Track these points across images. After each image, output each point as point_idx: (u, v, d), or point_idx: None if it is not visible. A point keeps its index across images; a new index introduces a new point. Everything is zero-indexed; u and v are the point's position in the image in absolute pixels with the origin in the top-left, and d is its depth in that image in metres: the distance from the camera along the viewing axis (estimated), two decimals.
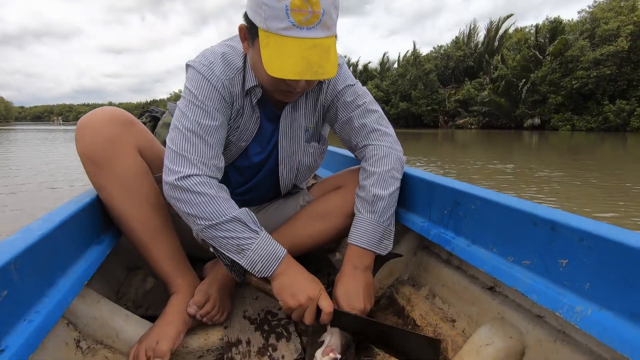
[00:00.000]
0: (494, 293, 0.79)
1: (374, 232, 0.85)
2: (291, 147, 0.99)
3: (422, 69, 33.85)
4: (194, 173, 0.78)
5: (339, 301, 0.82)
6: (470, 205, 0.79)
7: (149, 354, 0.73)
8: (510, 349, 0.67)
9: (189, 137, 0.80)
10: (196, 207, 0.77)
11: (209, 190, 0.78)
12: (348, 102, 0.95)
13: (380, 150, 0.91)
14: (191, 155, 0.80)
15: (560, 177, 5.68)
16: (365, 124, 0.94)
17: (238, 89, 0.88)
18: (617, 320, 0.51)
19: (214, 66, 0.85)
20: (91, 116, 0.84)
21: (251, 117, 0.93)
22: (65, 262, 0.70)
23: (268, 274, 0.78)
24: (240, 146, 0.96)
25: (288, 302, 0.76)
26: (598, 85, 23.45)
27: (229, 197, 0.82)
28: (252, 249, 0.77)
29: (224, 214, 0.76)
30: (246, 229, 0.77)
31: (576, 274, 0.57)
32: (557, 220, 0.60)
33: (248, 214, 0.80)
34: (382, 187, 0.87)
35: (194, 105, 0.82)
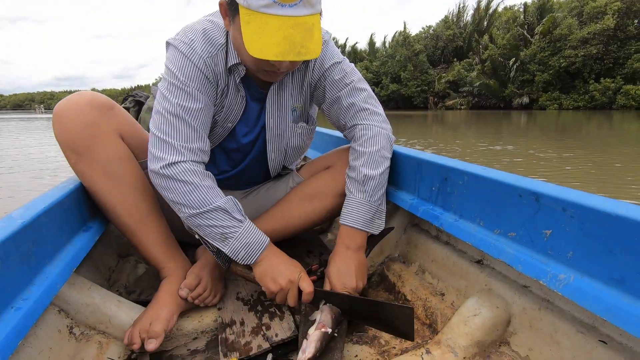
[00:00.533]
0: (482, 266, 0.81)
1: (365, 212, 0.86)
2: (279, 128, 0.97)
3: (411, 49, 33.52)
4: (178, 160, 0.77)
5: (332, 280, 0.82)
6: (457, 180, 0.80)
7: (142, 335, 0.74)
8: (496, 318, 0.70)
9: (172, 121, 0.78)
10: (181, 196, 0.77)
11: (193, 178, 0.77)
12: (336, 80, 0.93)
13: (370, 130, 0.90)
14: (175, 140, 0.78)
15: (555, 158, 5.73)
16: (354, 102, 0.92)
17: (221, 66, 0.85)
18: (598, 285, 0.53)
19: (194, 43, 0.81)
20: (68, 102, 0.81)
21: (236, 96, 0.90)
22: (52, 250, 0.69)
23: (251, 262, 0.79)
24: (227, 127, 0.94)
25: (270, 287, 0.79)
26: (585, 64, 23.63)
27: (214, 185, 0.81)
28: (235, 237, 0.78)
29: (208, 203, 0.77)
30: (230, 218, 0.78)
31: (560, 243, 0.58)
32: (541, 192, 0.61)
33: (233, 203, 0.80)
34: (373, 167, 0.87)
35: (175, 87, 0.80)
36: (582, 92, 24.36)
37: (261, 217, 1.00)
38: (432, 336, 0.79)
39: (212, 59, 0.83)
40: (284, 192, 1.09)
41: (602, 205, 0.53)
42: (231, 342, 0.77)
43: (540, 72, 25.09)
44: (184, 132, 0.79)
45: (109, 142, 0.82)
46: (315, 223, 1.01)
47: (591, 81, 23.79)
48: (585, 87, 24.11)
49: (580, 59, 23.31)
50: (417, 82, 33.69)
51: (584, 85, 24.27)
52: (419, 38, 35.57)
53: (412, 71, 33.37)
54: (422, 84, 33.73)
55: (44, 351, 0.65)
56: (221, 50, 0.84)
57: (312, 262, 1.05)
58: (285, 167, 1.12)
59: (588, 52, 22.96)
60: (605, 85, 23.00)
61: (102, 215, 0.90)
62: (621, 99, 22.29)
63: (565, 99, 24.87)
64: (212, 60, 0.83)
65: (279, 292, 0.79)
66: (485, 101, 29.60)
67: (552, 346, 0.63)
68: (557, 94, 25.22)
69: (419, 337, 0.80)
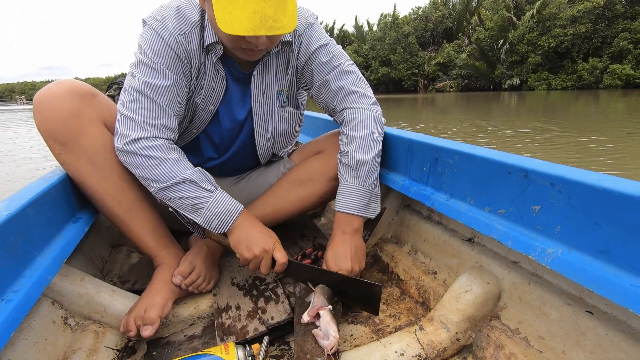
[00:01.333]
0: (473, 244, 0.82)
1: (360, 197, 0.86)
2: (265, 113, 0.96)
3: (400, 31, 33.12)
4: (142, 136, 0.77)
5: (328, 263, 0.83)
6: (448, 160, 0.80)
7: (138, 322, 0.74)
8: (487, 294, 0.71)
9: (137, 97, 0.78)
10: (147, 170, 0.78)
11: (157, 153, 0.78)
12: (323, 63, 0.91)
13: (360, 114, 0.89)
14: (139, 116, 0.78)
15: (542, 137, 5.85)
16: (342, 86, 0.91)
17: (195, 45, 0.83)
18: (584, 258, 0.54)
19: (166, 20, 0.80)
20: (48, 90, 0.78)
21: (215, 77, 0.88)
22: (40, 242, 0.68)
23: (224, 230, 0.80)
24: (209, 110, 0.92)
25: (244, 254, 0.80)
26: (574, 43, 23.69)
27: (181, 157, 0.81)
28: (206, 207, 0.79)
29: (175, 176, 0.77)
30: (199, 189, 0.79)
31: (548, 218, 0.60)
32: (530, 168, 0.61)
33: (201, 174, 0.80)
34: (365, 152, 0.86)
35: (143, 64, 0.79)
36: (570, 72, 24.51)
37: (253, 204, 1.00)
38: (425, 313, 0.81)
39: (184, 37, 0.81)
40: (275, 178, 1.08)
41: (588, 178, 0.54)
42: (227, 326, 0.78)
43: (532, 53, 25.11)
44: (149, 108, 0.78)
45: (93, 131, 0.80)
46: (307, 208, 1.01)
47: (579, 61, 23.93)
48: (574, 66, 24.26)
49: (569, 37, 23.34)
50: (407, 64, 33.46)
51: (572, 65, 24.41)
52: (408, 20, 35.12)
53: (401, 54, 33.09)
54: (412, 67, 33.52)
55: (39, 342, 0.65)
56: (195, 28, 0.82)
57: (306, 246, 1.06)
58: (275, 155, 1.11)
59: (577, 30, 22.98)
60: (592, 65, 23.16)
61: (92, 205, 0.88)
62: (607, 79, 22.52)
63: (554, 79, 25.02)
64: (185, 37, 0.81)
65: (253, 260, 0.80)
66: (475, 83, 29.62)
67: (540, 318, 0.65)
68: (546, 74, 25.34)
69: (413, 314, 0.82)
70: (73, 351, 0.70)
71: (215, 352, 0.65)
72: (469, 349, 0.70)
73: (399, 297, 0.89)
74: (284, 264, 0.81)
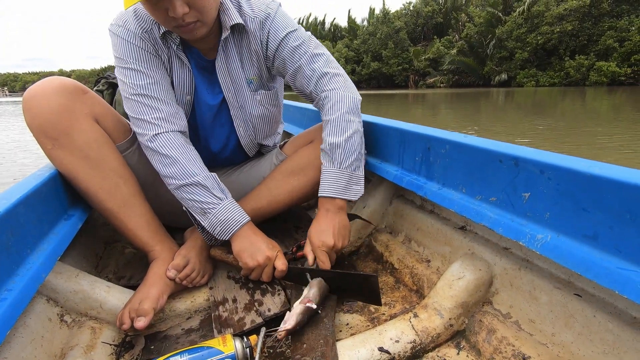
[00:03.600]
0: (465, 231, 0.84)
1: (338, 180, 0.85)
2: (239, 100, 0.98)
3: (392, 26, 33.16)
4: (157, 132, 0.83)
5: (311, 239, 0.84)
6: (440, 149, 0.81)
7: (132, 315, 0.74)
8: (479, 280, 0.73)
9: (138, 100, 0.84)
10: (164, 168, 0.84)
11: (172, 151, 0.83)
12: (294, 48, 0.91)
13: (333, 96, 0.89)
14: (146, 116, 0.84)
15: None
16: (314, 69, 0.91)
17: (158, 39, 0.87)
18: (573, 243, 0.56)
19: (127, 24, 0.85)
20: (38, 87, 0.78)
21: (182, 67, 0.91)
22: (33, 240, 0.67)
23: (225, 237, 0.84)
24: (187, 100, 0.94)
25: (248, 262, 0.83)
26: (561, 41, 24.05)
27: (196, 157, 0.86)
28: (213, 213, 0.83)
29: (188, 176, 0.83)
30: (209, 195, 0.83)
31: (537, 205, 0.61)
32: (520, 156, 0.63)
33: (214, 180, 0.85)
34: (337, 134, 0.85)
35: (125, 69, 0.85)
36: (557, 69, 24.89)
37: (247, 196, 1.00)
38: (419, 301, 0.82)
39: (147, 34, 0.85)
40: (268, 170, 1.09)
41: (576, 165, 0.55)
42: (224, 319, 0.78)
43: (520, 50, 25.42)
44: (151, 105, 0.84)
45: (85, 126, 0.80)
46: (301, 199, 1.02)
47: (566, 58, 24.31)
48: (561, 64, 24.64)
49: (556, 35, 23.68)
50: (398, 60, 33.55)
51: (560, 62, 24.79)
52: (399, 15, 35.18)
53: (392, 49, 33.15)
54: (403, 62, 33.63)
55: (35, 340, 0.65)
56: (154, 24, 0.85)
57: (301, 238, 1.06)
58: (263, 146, 1.11)
59: (564, 28, 23.32)
60: (579, 62, 23.55)
61: (84, 202, 0.88)
62: (593, 76, 22.93)
63: (542, 76, 25.38)
64: (148, 34, 0.85)
65: (256, 269, 0.84)
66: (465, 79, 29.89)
67: (531, 302, 0.67)
68: (534, 71, 25.69)
69: (407, 302, 0.83)
70: (70, 348, 0.70)
71: (213, 345, 0.65)
72: (462, 334, 0.72)
73: (393, 285, 0.90)
74: (283, 270, 0.84)
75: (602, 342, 0.56)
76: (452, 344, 0.70)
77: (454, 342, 0.71)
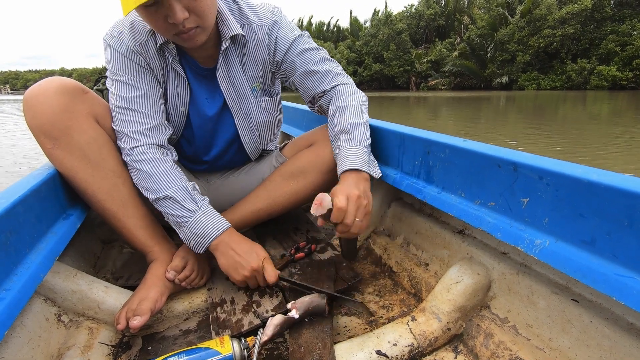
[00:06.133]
0: (464, 236, 0.84)
1: (361, 156, 0.82)
2: (243, 109, 0.98)
3: (393, 28, 33.20)
4: (133, 145, 0.83)
5: (335, 192, 0.74)
6: (439, 153, 0.81)
7: (129, 315, 0.74)
8: (477, 284, 0.73)
9: (120, 112, 0.84)
10: (141, 182, 0.84)
11: (146, 165, 0.83)
12: (303, 51, 0.94)
13: (350, 89, 0.94)
14: (126, 128, 0.84)
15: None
16: (329, 70, 0.96)
17: (153, 52, 0.86)
18: (571, 248, 0.56)
19: (122, 35, 0.85)
20: (39, 87, 0.78)
21: (178, 79, 0.90)
22: (31, 239, 0.67)
23: (200, 250, 0.82)
24: (180, 112, 0.94)
25: (235, 277, 0.82)
26: (563, 44, 24.08)
27: (170, 169, 0.84)
28: (186, 226, 0.81)
29: (160, 190, 0.82)
30: (180, 208, 0.81)
31: (536, 210, 0.61)
32: (519, 161, 0.63)
33: (185, 191, 0.82)
34: (356, 117, 0.89)
35: (114, 81, 0.85)
36: (559, 72, 24.91)
37: (246, 198, 1.00)
38: (417, 304, 0.82)
39: (141, 47, 0.85)
40: (267, 171, 1.09)
41: (574, 172, 0.55)
42: (222, 320, 0.78)
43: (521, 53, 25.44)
44: (132, 119, 0.84)
45: (85, 126, 0.80)
46: (301, 201, 1.02)
47: (568, 61, 24.33)
48: (563, 67, 24.67)
49: (558, 38, 23.71)
50: (399, 61, 33.58)
51: (562, 66, 24.81)
52: (401, 17, 35.21)
53: (394, 51, 33.18)
54: (404, 64, 33.66)
55: (33, 339, 0.65)
56: (150, 36, 0.85)
57: (299, 240, 1.07)
58: (264, 150, 1.11)
59: (566, 31, 23.35)
60: (581, 66, 23.57)
61: (83, 202, 0.88)
62: (594, 80, 22.94)
63: (544, 79, 25.40)
64: (142, 47, 0.85)
65: (248, 280, 0.83)
66: (466, 81, 29.90)
67: (529, 307, 0.67)
68: (536, 74, 25.70)
69: (405, 306, 0.84)
70: (67, 348, 0.70)
71: (211, 346, 0.65)
72: (459, 338, 0.72)
73: (391, 288, 0.90)
74: (273, 282, 0.83)
75: (599, 347, 0.56)
76: (450, 348, 0.70)
77: (452, 346, 0.71)
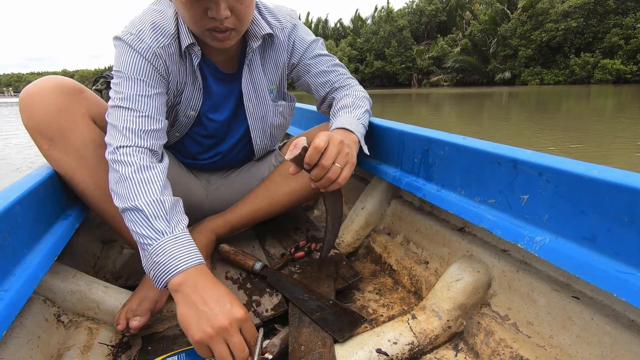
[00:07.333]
0: (464, 233, 0.83)
1: (355, 124, 0.84)
2: (260, 111, 0.98)
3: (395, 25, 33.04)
4: (120, 144, 0.71)
5: (318, 135, 0.67)
6: (439, 151, 0.81)
7: (128, 315, 0.74)
8: (477, 282, 0.73)
9: (121, 109, 0.75)
10: (114, 185, 0.68)
11: (126, 168, 0.68)
12: (318, 55, 0.97)
13: (359, 91, 0.97)
14: (121, 124, 0.73)
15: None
16: (342, 73, 0.99)
17: (175, 56, 0.83)
18: (571, 245, 0.55)
19: (143, 35, 0.79)
20: (34, 87, 0.77)
21: (194, 84, 0.89)
22: (30, 240, 0.67)
23: (159, 286, 0.61)
24: (190, 115, 0.93)
25: (192, 334, 0.56)
26: (566, 38, 23.88)
27: (150, 179, 0.68)
28: (148, 250, 0.62)
29: (130, 199, 0.65)
30: (147, 226, 0.63)
31: (536, 207, 0.61)
32: (519, 158, 0.62)
33: (160, 206, 0.64)
34: (360, 105, 0.91)
35: (123, 79, 0.77)
36: (562, 66, 24.74)
37: (246, 198, 1.00)
38: (418, 302, 0.82)
39: (164, 50, 0.81)
40: (267, 171, 1.09)
41: (575, 168, 0.55)
42: None
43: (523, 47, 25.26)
44: (130, 117, 0.74)
45: (82, 126, 0.79)
46: (300, 200, 1.02)
47: (571, 56, 24.14)
48: (566, 61, 24.49)
49: (561, 32, 23.52)
50: (401, 58, 33.45)
51: (565, 60, 24.63)
52: (403, 13, 35.04)
53: (396, 47, 33.04)
54: (406, 61, 33.52)
55: (32, 340, 0.65)
56: (173, 40, 0.82)
57: (299, 239, 1.06)
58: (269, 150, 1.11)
59: (568, 25, 23.16)
60: (584, 60, 23.38)
61: (81, 202, 0.88)
62: (598, 74, 22.74)
63: (547, 74, 25.23)
64: (165, 50, 0.81)
65: (202, 343, 0.55)
66: (468, 77, 29.75)
67: (529, 304, 0.66)
68: (539, 69, 25.53)
69: (405, 304, 0.83)
70: (67, 348, 0.70)
71: None
72: (460, 335, 0.71)
73: (392, 287, 0.90)
74: (244, 358, 0.57)
75: (599, 344, 0.56)
76: (450, 346, 0.70)
77: (452, 344, 0.70)
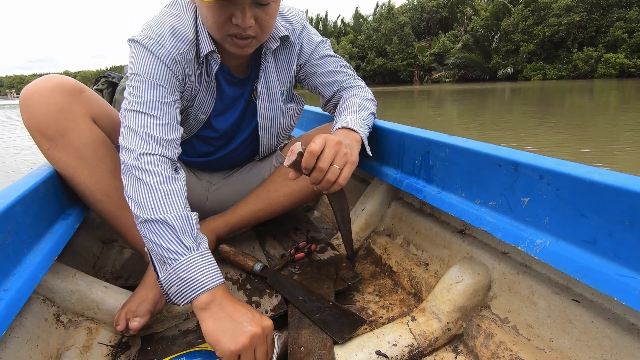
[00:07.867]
0: (464, 235, 0.83)
1: (360, 125, 0.85)
2: (271, 113, 0.97)
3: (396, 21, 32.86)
4: (145, 151, 0.69)
5: (314, 139, 0.69)
6: (439, 153, 0.80)
7: (128, 316, 0.74)
8: (477, 284, 0.72)
9: (140, 115, 0.72)
10: (136, 195, 0.67)
11: (152, 178, 0.67)
12: (326, 56, 0.98)
13: (366, 92, 0.98)
14: (142, 130, 0.71)
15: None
16: (350, 74, 1.00)
17: (192, 63, 0.82)
18: (572, 248, 0.55)
19: (163, 40, 0.76)
20: (34, 86, 0.77)
21: (208, 88, 0.88)
22: (30, 239, 0.67)
23: (181, 302, 0.62)
24: (200, 119, 0.92)
25: (228, 347, 0.56)
26: (568, 33, 23.69)
27: (176, 192, 0.68)
28: (173, 266, 0.62)
29: (155, 211, 0.64)
30: (175, 241, 0.63)
31: (536, 210, 0.60)
32: (520, 161, 0.62)
33: (187, 223, 0.65)
34: (368, 103, 0.94)
35: (142, 83, 0.74)
36: (565, 61, 24.56)
37: (246, 198, 1.00)
38: (417, 304, 0.82)
39: (182, 56, 0.79)
40: (267, 171, 1.09)
41: (576, 171, 0.54)
42: None
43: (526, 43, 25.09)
44: (151, 123, 0.72)
45: (82, 126, 0.79)
46: (301, 201, 1.02)
47: (574, 50, 23.94)
48: (569, 56, 24.30)
49: (563, 27, 23.33)
50: (402, 55, 33.30)
51: (568, 55, 24.44)
52: (404, 10, 34.83)
53: (397, 44, 32.89)
54: (407, 58, 33.37)
55: (31, 340, 0.65)
56: (192, 46, 0.81)
57: (299, 240, 1.06)
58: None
59: (571, 19, 22.96)
60: (587, 54, 23.19)
61: (82, 202, 0.88)
62: (602, 68, 22.56)
63: (550, 68, 25.05)
64: (183, 57, 0.79)
65: (235, 355, 0.57)
66: (471, 73, 29.60)
67: (529, 307, 0.66)
68: (542, 64, 25.35)
69: (405, 306, 0.83)
70: (66, 348, 0.70)
71: (210, 348, 0.65)
72: (460, 338, 0.71)
73: (391, 288, 0.90)
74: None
75: (600, 348, 0.56)
76: (450, 348, 0.70)
77: (452, 346, 0.70)
